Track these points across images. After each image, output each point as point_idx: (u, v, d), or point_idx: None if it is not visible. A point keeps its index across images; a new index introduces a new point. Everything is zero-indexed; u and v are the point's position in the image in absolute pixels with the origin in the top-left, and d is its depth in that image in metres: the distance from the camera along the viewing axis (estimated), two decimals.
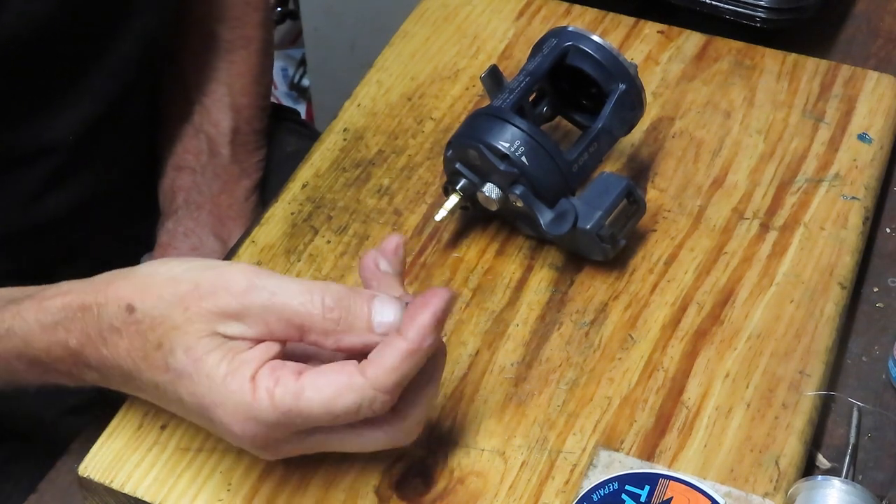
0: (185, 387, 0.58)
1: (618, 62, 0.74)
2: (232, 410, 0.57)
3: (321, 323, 0.58)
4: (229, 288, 0.58)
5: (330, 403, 0.56)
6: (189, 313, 0.58)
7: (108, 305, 0.60)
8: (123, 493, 0.64)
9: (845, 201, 0.77)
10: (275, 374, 0.57)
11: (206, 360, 0.57)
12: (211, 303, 0.58)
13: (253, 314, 0.58)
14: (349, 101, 0.85)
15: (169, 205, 0.95)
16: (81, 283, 0.62)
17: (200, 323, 0.58)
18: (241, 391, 0.57)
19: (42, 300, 0.62)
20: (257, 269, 0.59)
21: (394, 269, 0.63)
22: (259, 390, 0.56)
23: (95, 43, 0.83)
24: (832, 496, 0.61)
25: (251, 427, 0.57)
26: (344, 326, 0.58)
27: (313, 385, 0.56)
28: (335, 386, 0.56)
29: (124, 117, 0.89)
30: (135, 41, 0.85)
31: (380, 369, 0.56)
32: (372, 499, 0.63)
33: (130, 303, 0.59)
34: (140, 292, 0.59)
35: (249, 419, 0.57)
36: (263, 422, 0.57)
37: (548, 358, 0.69)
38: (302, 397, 0.56)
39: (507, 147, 0.70)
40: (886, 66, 0.90)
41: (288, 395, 0.56)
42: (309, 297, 0.58)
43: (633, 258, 0.74)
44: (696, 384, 0.68)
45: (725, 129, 0.82)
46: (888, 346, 0.73)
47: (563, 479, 0.64)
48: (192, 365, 0.58)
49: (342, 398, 0.56)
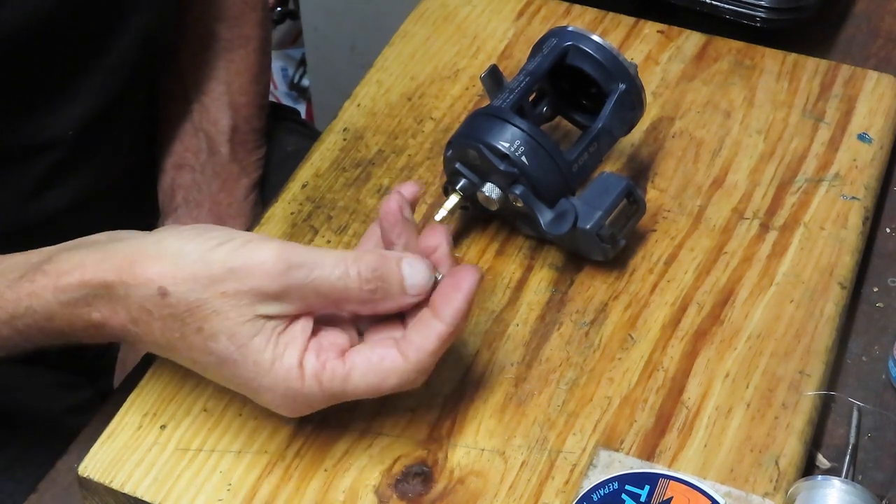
0: (229, 369, 0.60)
1: (618, 62, 0.74)
2: (282, 395, 0.60)
3: (358, 295, 0.60)
4: (266, 270, 0.58)
5: (376, 387, 0.60)
6: (227, 298, 0.58)
7: (137, 287, 0.59)
8: (123, 492, 0.64)
9: (845, 201, 0.77)
10: (320, 357, 0.59)
11: (251, 346, 0.59)
12: (248, 285, 0.58)
13: (292, 293, 0.59)
14: (349, 101, 0.85)
15: (168, 203, 0.95)
16: (94, 253, 0.61)
17: (241, 307, 0.58)
18: (290, 377, 0.59)
19: (58, 277, 0.61)
20: (287, 245, 0.60)
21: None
22: (307, 377, 0.59)
23: (95, 40, 0.83)
24: (832, 496, 0.61)
25: (298, 407, 0.61)
26: (380, 295, 0.60)
27: (358, 370, 0.59)
28: (380, 371, 0.59)
29: (123, 114, 0.89)
30: (134, 38, 0.85)
31: (422, 353, 0.60)
32: (372, 499, 0.63)
33: (162, 286, 0.59)
34: (171, 275, 0.59)
35: (298, 401, 0.60)
36: (311, 403, 0.60)
37: (548, 358, 0.69)
38: (350, 382, 0.59)
39: (506, 147, 0.70)
40: (886, 66, 0.90)
41: (336, 380, 0.59)
42: (345, 271, 0.59)
43: (633, 258, 0.74)
44: (696, 384, 0.68)
45: (725, 129, 0.82)
46: (888, 346, 0.73)
47: (563, 479, 0.64)
48: (237, 351, 0.59)
49: (387, 381, 0.60)
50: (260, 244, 0.59)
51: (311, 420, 0.66)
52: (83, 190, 0.87)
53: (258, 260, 0.59)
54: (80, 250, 0.62)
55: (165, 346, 0.61)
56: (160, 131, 0.97)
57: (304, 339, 0.59)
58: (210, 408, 0.67)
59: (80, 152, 0.85)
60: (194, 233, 0.61)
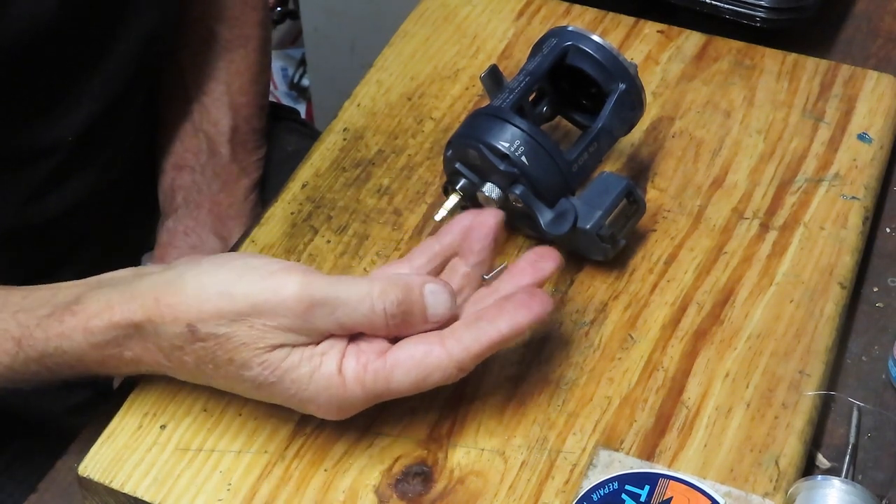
0: (267, 391, 0.61)
1: (617, 62, 0.74)
2: (326, 403, 0.60)
3: (384, 329, 0.60)
4: (289, 307, 0.59)
5: (419, 383, 0.60)
6: (254, 331, 0.59)
7: (166, 325, 0.60)
8: (123, 492, 0.64)
9: (845, 201, 0.77)
10: (360, 360, 0.60)
11: (285, 366, 0.59)
12: (274, 322, 0.59)
13: (318, 328, 0.60)
14: (349, 101, 0.85)
15: (169, 204, 0.95)
16: (120, 293, 0.62)
17: (268, 339, 0.59)
18: (331, 385, 0.59)
19: (87, 320, 0.62)
20: (310, 278, 0.60)
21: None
22: (349, 382, 0.59)
23: (96, 44, 0.83)
24: (832, 496, 0.61)
25: (345, 411, 0.61)
26: (403, 325, 0.61)
27: (402, 366, 0.59)
28: (424, 366, 0.60)
29: (124, 117, 0.89)
30: (135, 42, 0.85)
31: (468, 353, 0.60)
32: (372, 499, 0.63)
33: (190, 323, 0.60)
34: (197, 311, 0.60)
35: (344, 407, 0.61)
36: (355, 405, 0.61)
37: (548, 358, 0.69)
38: (393, 380, 0.60)
39: (506, 147, 0.70)
40: (886, 66, 0.90)
41: (380, 381, 0.59)
42: (371, 307, 0.60)
43: (633, 258, 0.74)
44: (696, 384, 0.68)
45: (725, 129, 0.82)
46: (888, 346, 0.73)
47: (563, 479, 0.64)
48: (272, 375, 0.60)
49: (431, 377, 0.60)
50: (282, 278, 0.60)
51: (311, 420, 0.66)
52: (84, 192, 0.87)
53: (281, 297, 0.59)
54: (106, 290, 0.63)
55: (201, 376, 0.62)
56: (160, 132, 0.97)
57: (342, 346, 0.60)
58: (210, 408, 0.67)
59: (82, 156, 0.85)
60: (213, 266, 0.62)
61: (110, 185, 0.90)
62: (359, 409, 0.62)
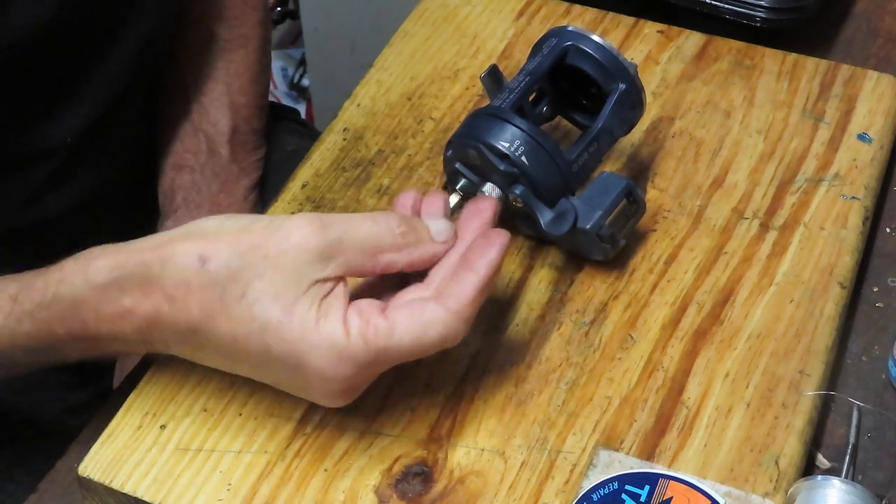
0: (273, 335, 0.60)
1: (618, 62, 0.74)
2: (327, 354, 0.59)
3: (392, 241, 0.62)
4: (303, 230, 0.60)
5: (420, 339, 0.60)
6: (269, 261, 0.59)
7: (175, 259, 0.60)
8: (123, 492, 0.64)
9: (845, 201, 0.77)
10: (363, 315, 0.60)
11: (297, 307, 0.59)
12: (289, 245, 0.60)
13: (332, 249, 0.60)
14: (349, 101, 0.85)
15: (168, 204, 0.95)
16: (128, 244, 0.62)
17: (284, 269, 0.60)
18: (335, 334, 0.59)
19: (89, 262, 0.62)
20: (316, 213, 0.62)
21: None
22: (353, 334, 0.59)
23: (96, 47, 0.83)
24: (832, 496, 0.61)
25: (344, 369, 0.60)
26: (412, 239, 0.62)
27: (402, 323, 0.60)
28: (422, 321, 0.60)
29: (124, 118, 0.89)
30: (135, 43, 0.85)
31: (461, 302, 0.61)
32: (372, 499, 0.63)
33: (203, 254, 0.60)
34: (211, 245, 0.60)
35: (344, 360, 0.60)
36: (358, 363, 0.60)
37: (548, 358, 0.69)
38: (394, 336, 0.60)
39: (507, 147, 0.70)
40: (886, 66, 0.90)
41: (381, 335, 0.60)
42: (374, 221, 0.62)
43: (633, 258, 0.74)
44: (696, 384, 0.68)
45: (725, 129, 0.82)
46: (888, 346, 0.73)
47: (563, 479, 0.64)
48: (282, 313, 0.59)
49: (430, 332, 0.60)
50: (292, 217, 0.61)
51: (312, 420, 0.66)
52: (84, 193, 0.87)
53: (295, 223, 0.60)
54: (113, 245, 0.63)
55: (200, 323, 0.61)
56: (160, 132, 0.97)
57: (345, 302, 0.61)
58: (210, 408, 0.67)
59: (80, 158, 0.85)
60: (227, 216, 0.63)
61: (109, 186, 0.90)
62: (358, 379, 0.61)
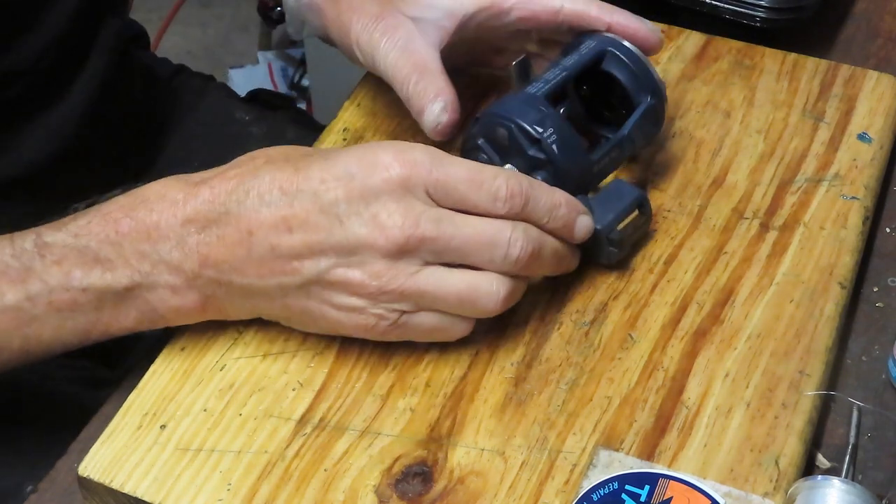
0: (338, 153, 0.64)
1: (651, 76, 0.74)
2: (391, 147, 0.63)
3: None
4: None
5: (474, 175, 0.63)
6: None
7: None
8: (123, 493, 0.64)
9: (845, 201, 0.77)
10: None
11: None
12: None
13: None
14: (349, 101, 0.85)
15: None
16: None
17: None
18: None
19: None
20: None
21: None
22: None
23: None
24: (832, 496, 0.61)
25: (408, 168, 0.62)
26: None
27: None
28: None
29: (94, 44, 0.88)
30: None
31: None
32: (372, 499, 0.63)
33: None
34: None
35: (408, 158, 0.62)
36: (420, 164, 0.62)
37: (548, 358, 0.69)
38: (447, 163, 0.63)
39: (540, 132, 0.70)
40: (886, 66, 0.90)
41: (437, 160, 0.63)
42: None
43: (633, 258, 0.74)
44: (696, 384, 0.68)
45: (725, 129, 0.82)
46: (888, 346, 0.73)
47: (563, 479, 0.64)
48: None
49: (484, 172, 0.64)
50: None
51: (311, 420, 0.66)
52: (58, 133, 0.86)
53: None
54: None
55: (232, 205, 0.63)
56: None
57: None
58: (210, 408, 0.67)
59: (50, 83, 0.84)
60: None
61: (87, 122, 0.89)
62: (408, 212, 0.62)
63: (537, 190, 0.66)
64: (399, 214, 0.61)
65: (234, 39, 2.49)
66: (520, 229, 0.64)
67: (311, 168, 0.62)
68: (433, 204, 0.63)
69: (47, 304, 0.65)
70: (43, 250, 0.65)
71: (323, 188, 0.62)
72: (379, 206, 0.61)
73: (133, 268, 0.64)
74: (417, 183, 0.62)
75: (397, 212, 0.61)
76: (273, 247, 0.62)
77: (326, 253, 0.62)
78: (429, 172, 0.62)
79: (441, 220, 0.62)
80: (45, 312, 0.65)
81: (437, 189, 0.63)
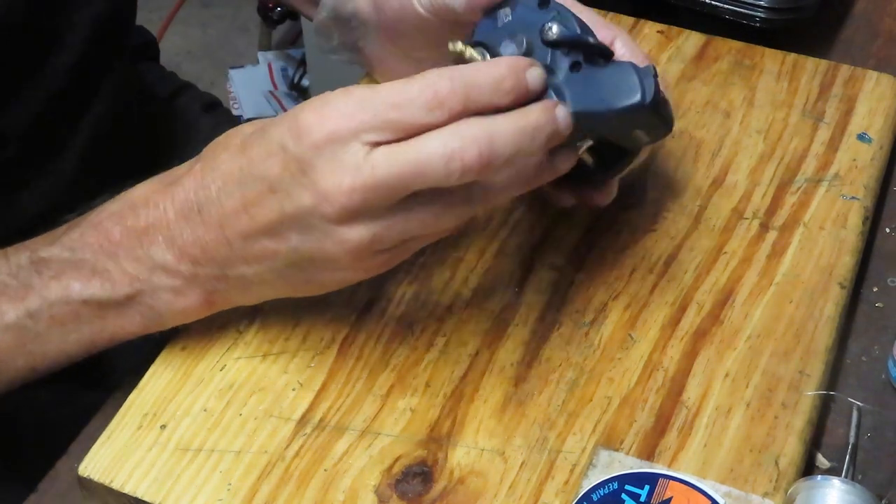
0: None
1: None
2: (312, 106, 0.59)
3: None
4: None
5: (398, 96, 0.58)
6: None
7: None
8: (123, 493, 0.64)
9: (845, 201, 0.77)
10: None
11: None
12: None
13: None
14: None
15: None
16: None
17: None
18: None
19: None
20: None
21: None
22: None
23: (43, 36, 0.81)
24: (832, 496, 0.61)
25: (331, 123, 0.58)
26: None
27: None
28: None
29: (78, 110, 0.87)
30: (84, 30, 0.83)
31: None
32: (372, 499, 0.63)
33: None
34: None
35: (328, 112, 0.58)
36: (342, 114, 0.58)
37: (548, 358, 0.69)
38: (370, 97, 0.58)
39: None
40: (886, 66, 0.90)
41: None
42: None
43: (633, 258, 0.74)
44: (696, 384, 0.68)
45: (725, 129, 0.82)
46: (888, 346, 0.73)
47: (563, 479, 0.64)
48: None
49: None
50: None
51: (311, 420, 0.66)
52: (43, 194, 0.85)
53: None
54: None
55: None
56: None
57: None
58: (210, 408, 0.67)
59: (34, 150, 0.83)
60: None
61: (68, 188, 0.88)
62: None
63: (472, 76, 0.58)
64: (334, 175, 0.58)
65: (234, 39, 2.49)
66: (456, 135, 0.58)
67: (253, 148, 0.61)
68: (371, 147, 0.58)
69: (49, 319, 0.65)
70: (39, 266, 0.65)
71: (265, 167, 0.60)
72: (316, 172, 0.58)
73: (131, 275, 0.64)
74: (345, 134, 0.58)
75: (332, 173, 0.58)
76: (244, 235, 0.62)
77: (290, 230, 0.61)
78: (351, 118, 0.58)
79: (375, 164, 0.57)
80: (47, 328, 0.65)
81: (367, 130, 0.58)
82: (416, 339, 0.70)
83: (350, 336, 0.70)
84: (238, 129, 0.64)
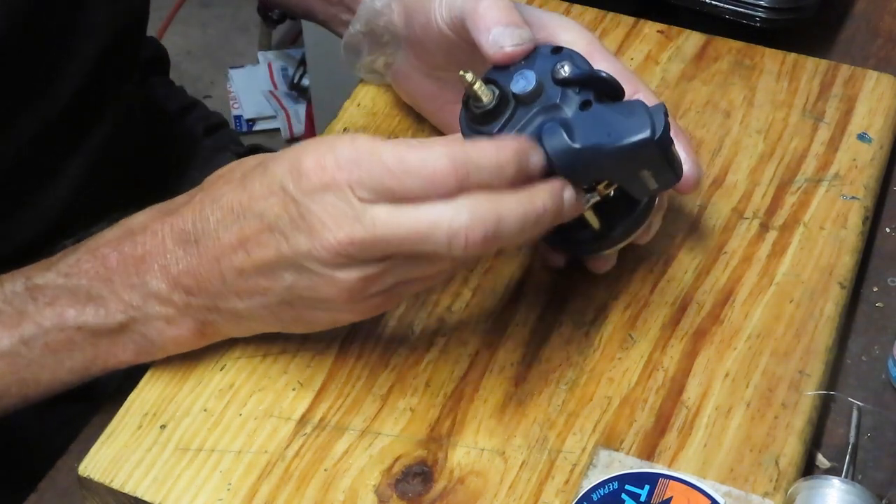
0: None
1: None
2: (314, 150, 0.59)
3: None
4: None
5: (399, 164, 0.57)
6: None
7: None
8: (123, 492, 0.64)
9: (845, 201, 0.77)
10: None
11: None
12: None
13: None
14: (349, 101, 0.85)
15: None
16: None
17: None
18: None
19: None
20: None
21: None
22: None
23: (44, 65, 0.79)
24: (832, 496, 0.61)
25: (329, 173, 0.58)
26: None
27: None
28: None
29: (83, 138, 0.86)
30: (85, 63, 0.82)
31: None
32: (372, 499, 0.63)
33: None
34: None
35: (328, 162, 0.59)
36: (341, 166, 0.58)
37: (548, 358, 0.69)
38: (371, 156, 0.59)
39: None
40: (886, 66, 0.90)
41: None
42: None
43: (634, 258, 0.74)
44: (696, 384, 0.68)
45: (725, 129, 0.82)
46: (888, 346, 0.73)
47: (563, 479, 0.64)
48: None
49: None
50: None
51: (311, 420, 0.66)
52: (42, 217, 0.84)
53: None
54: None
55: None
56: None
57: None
58: (210, 408, 0.67)
59: (31, 176, 0.82)
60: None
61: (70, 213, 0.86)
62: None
63: (475, 159, 0.58)
64: (333, 223, 0.58)
65: (234, 39, 2.49)
66: (464, 211, 0.57)
67: (254, 183, 0.61)
68: (368, 202, 0.58)
69: (43, 346, 0.65)
70: (35, 292, 0.65)
71: (264, 205, 0.61)
72: (312, 216, 0.59)
73: (125, 302, 0.64)
74: (341, 185, 0.58)
75: (331, 220, 0.58)
76: (239, 270, 0.62)
77: (285, 269, 0.61)
78: (349, 172, 0.58)
79: (377, 221, 0.58)
80: (41, 355, 0.65)
81: (362, 189, 0.58)
82: (416, 339, 0.70)
83: (350, 336, 0.70)
84: (240, 162, 0.64)
